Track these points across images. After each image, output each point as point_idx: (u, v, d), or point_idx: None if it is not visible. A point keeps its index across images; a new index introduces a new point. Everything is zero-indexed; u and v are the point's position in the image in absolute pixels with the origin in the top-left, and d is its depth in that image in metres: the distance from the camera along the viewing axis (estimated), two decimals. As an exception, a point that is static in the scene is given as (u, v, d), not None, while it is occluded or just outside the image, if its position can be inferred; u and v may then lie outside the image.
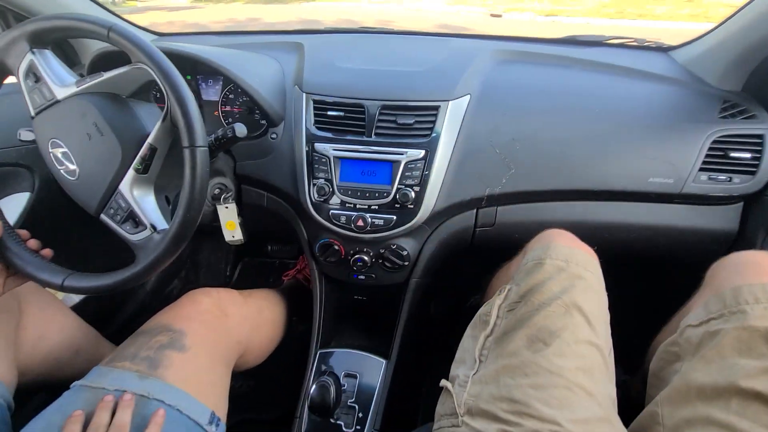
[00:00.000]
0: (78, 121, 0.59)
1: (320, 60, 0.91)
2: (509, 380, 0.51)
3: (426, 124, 0.78)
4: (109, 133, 0.59)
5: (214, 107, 0.93)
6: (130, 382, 0.56)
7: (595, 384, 0.51)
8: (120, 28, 0.55)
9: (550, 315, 0.55)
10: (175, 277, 1.47)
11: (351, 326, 0.99)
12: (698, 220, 0.81)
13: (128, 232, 0.60)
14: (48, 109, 0.61)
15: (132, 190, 0.60)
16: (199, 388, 0.61)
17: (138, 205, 0.60)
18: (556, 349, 0.52)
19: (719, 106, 0.79)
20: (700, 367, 0.51)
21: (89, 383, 0.56)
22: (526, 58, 0.95)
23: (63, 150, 0.60)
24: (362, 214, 0.78)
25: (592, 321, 0.55)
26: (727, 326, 0.51)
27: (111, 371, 0.58)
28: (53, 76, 0.60)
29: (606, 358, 0.55)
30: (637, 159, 0.78)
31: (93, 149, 0.60)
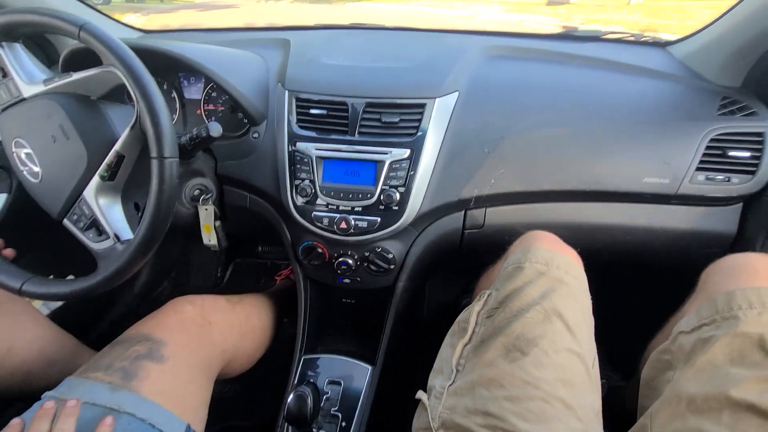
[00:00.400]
0: (43, 122, 0.57)
1: (305, 56, 0.88)
2: (485, 392, 0.49)
3: (412, 122, 0.75)
4: (75, 136, 0.56)
5: (197, 106, 0.91)
6: (101, 395, 0.53)
7: (576, 396, 0.48)
8: (91, 28, 0.53)
9: (529, 322, 0.52)
10: (164, 278, 1.45)
11: (337, 331, 0.97)
12: (696, 221, 0.78)
13: (91, 240, 0.59)
14: (13, 107, 0.58)
15: (97, 197, 0.58)
16: (176, 400, 0.59)
17: (102, 213, 0.58)
18: (533, 359, 0.49)
19: (718, 102, 0.76)
20: (691, 376, 0.49)
21: (59, 395, 0.54)
22: (518, 54, 0.92)
23: (27, 151, 0.58)
24: (345, 216, 0.76)
25: (573, 328, 0.53)
26: (718, 333, 0.49)
27: (83, 383, 0.55)
28: (21, 73, 0.58)
29: (589, 367, 0.52)
30: (631, 158, 0.75)
31: (57, 152, 0.57)
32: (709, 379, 0.46)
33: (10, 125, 0.59)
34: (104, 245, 0.58)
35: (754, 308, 0.48)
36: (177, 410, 0.57)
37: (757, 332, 0.46)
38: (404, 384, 0.62)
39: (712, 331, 0.50)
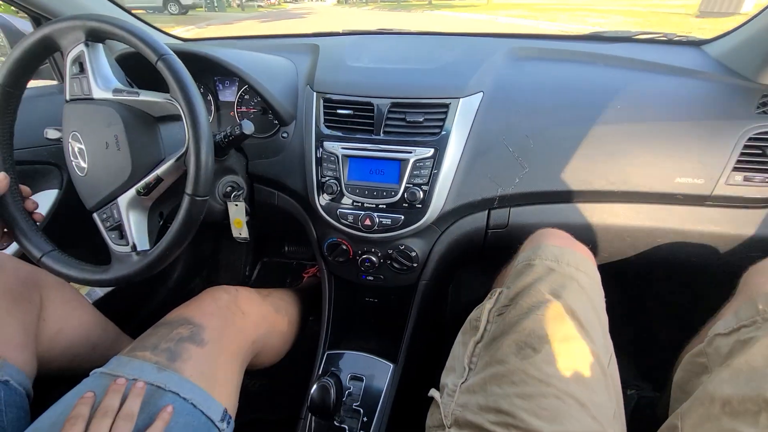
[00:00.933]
0: (101, 127, 0.61)
1: (332, 60, 0.91)
2: (497, 389, 0.49)
3: (436, 122, 0.76)
4: (125, 150, 0.60)
5: (230, 108, 0.96)
6: (149, 373, 0.57)
7: (590, 394, 0.47)
8: (170, 60, 0.57)
9: (540, 319, 0.52)
10: (197, 275, 1.51)
11: (360, 328, 0.98)
12: (733, 224, 0.74)
13: (112, 241, 0.63)
14: (81, 102, 0.63)
15: (128, 207, 0.62)
16: (214, 384, 0.62)
17: (128, 222, 0.62)
18: (545, 356, 0.49)
19: (757, 100, 0.73)
20: (727, 377, 0.47)
21: (109, 371, 0.58)
22: (544, 55, 0.92)
23: (80, 146, 0.63)
24: (370, 213, 0.77)
25: (585, 325, 0.52)
26: (759, 334, 0.47)
27: (131, 361, 0.59)
28: (97, 74, 0.61)
29: (604, 366, 0.51)
30: (663, 157, 0.72)
31: (106, 158, 0.62)
32: (747, 380, 0.44)
33: (73, 117, 0.64)
34: (122, 250, 0.62)
35: None
36: (215, 394, 0.60)
37: None
38: (426, 382, 0.62)
39: (752, 333, 0.48)
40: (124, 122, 0.60)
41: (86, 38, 0.60)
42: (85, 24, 0.58)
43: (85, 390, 0.56)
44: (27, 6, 0.85)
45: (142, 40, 0.57)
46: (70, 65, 0.62)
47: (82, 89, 0.62)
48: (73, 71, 0.62)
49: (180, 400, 0.56)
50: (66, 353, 0.76)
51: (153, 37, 0.57)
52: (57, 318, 0.75)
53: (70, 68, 0.62)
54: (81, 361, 0.78)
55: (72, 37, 0.60)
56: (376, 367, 0.85)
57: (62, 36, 0.60)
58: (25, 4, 0.84)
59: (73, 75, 0.62)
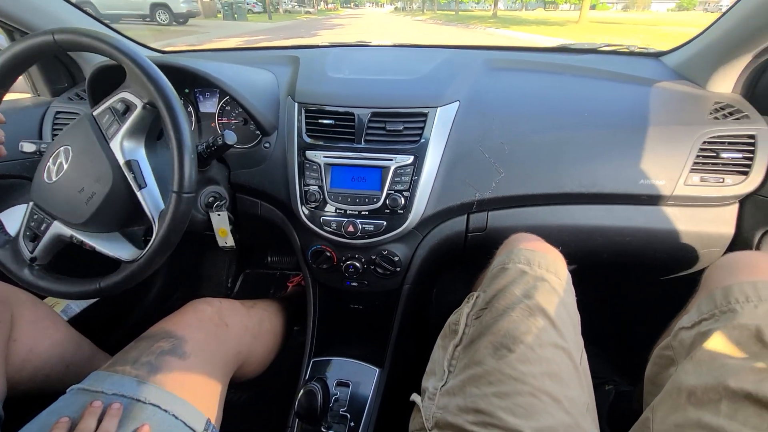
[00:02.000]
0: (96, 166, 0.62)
1: (313, 71, 0.93)
2: (475, 390, 0.50)
3: (415, 130, 0.79)
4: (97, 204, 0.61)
5: (212, 119, 0.96)
6: (128, 387, 0.56)
7: (563, 389, 0.49)
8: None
9: (514, 320, 0.54)
10: (178, 289, 1.48)
11: (346, 335, 0.99)
12: (694, 222, 0.80)
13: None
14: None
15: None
16: (197, 395, 0.61)
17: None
18: (520, 355, 0.51)
19: (710, 107, 0.79)
20: (690, 369, 0.49)
21: (87, 386, 0.57)
22: (517, 66, 0.97)
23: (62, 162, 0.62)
24: (353, 220, 0.79)
25: (557, 323, 0.54)
26: (717, 326, 0.50)
27: (110, 376, 0.58)
28: (126, 129, 0.62)
29: (576, 362, 0.54)
30: (627, 161, 0.77)
31: (79, 190, 0.62)
32: (708, 370, 0.47)
33: (70, 135, 0.64)
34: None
35: (750, 301, 0.50)
36: (198, 405, 0.60)
37: (754, 323, 0.47)
38: (412, 386, 0.63)
39: (711, 325, 0.51)
40: (112, 186, 0.61)
41: (144, 103, 0.61)
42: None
43: (61, 407, 0.55)
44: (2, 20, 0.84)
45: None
46: (114, 104, 0.63)
47: (110, 128, 0.62)
48: (114, 108, 0.62)
49: (161, 412, 0.55)
50: (38, 374, 0.74)
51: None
52: (28, 337, 0.73)
53: (113, 107, 0.62)
54: (53, 382, 0.76)
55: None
56: (362, 372, 0.85)
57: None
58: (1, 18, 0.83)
59: (111, 117, 0.62)
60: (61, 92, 1.07)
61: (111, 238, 0.64)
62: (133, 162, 0.61)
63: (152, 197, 0.61)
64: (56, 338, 0.79)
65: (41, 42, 0.59)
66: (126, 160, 0.61)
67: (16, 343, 0.70)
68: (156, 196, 0.62)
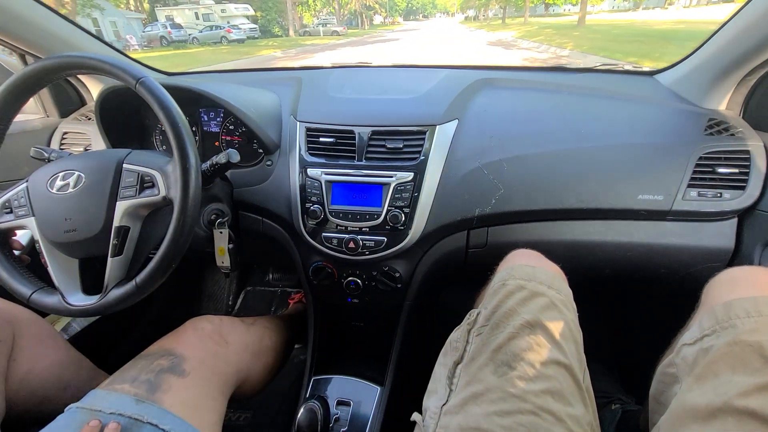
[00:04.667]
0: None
1: (315, 91, 0.95)
2: (476, 408, 0.50)
3: (414, 147, 0.81)
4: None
5: (215, 138, 0.98)
6: (127, 406, 0.56)
7: (566, 407, 0.49)
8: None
9: (514, 336, 0.53)
10: (177, 307, 1.48)
11: (347, 353, 0.98)
12: (693, 237, 0.80)
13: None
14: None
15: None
16: (195, 414, 0.61)
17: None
18: (520, 372, 0.50)
19: (704, 124, 0.80)
20: (695, 387, 0.49)
21: (85, 405, 0.56)
22: (514, 85, 0.99)
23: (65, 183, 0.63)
24: (354, 236, 0.79)
25: (558, 340, 0.54)
26: (718, 342, 0.50)
27: (109, 394, 0.58)
28: (137, 203, 0.63)
29: (579, 380, 0.53)
30: (625, 177, 0.78)
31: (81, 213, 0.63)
32: (712, 388, 0.46)
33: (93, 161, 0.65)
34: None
35: (751, 316, 0.49)
36: (195, 424, 0.59)
37: (756, 340, 0.46)
38: (413, 404, 0.62)
39: (712, 341, 0.51)
40: (93, 237, 0.61)
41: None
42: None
43: (59, 426, 0.54)
44: (14, 45, 0.87)
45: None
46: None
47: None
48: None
49: None
50: (35, 395, 0.73)
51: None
52: (28, 358, 0.73)
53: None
54: (51, 403, 0.75)
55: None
56: (364, 390, 0.84)
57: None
58: (12, 42, 0.86)
59: (144, 187, 0.63)
60: (70, 113, 1.09)
61: (67, 265, 0.64)
62: (124, 229, 0.62)
63: (119, 267, 0.62)
64: (56, 358, 0.78)
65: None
66: (120, 225, 0.61)
67: (15, 363, 0.70)
68: (123, 268, 0.62)
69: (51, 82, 0.64)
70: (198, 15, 26.83)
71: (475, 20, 32.96)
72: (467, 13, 60.01)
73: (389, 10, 55.71)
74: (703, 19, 14.99)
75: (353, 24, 46.86)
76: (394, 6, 63.55)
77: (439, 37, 19.50)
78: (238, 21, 25.03)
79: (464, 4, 45.67)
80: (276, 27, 29.12)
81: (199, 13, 26.96)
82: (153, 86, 0.60)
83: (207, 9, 27.25)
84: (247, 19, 26.89)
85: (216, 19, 26.57)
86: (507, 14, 35.46)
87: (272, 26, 29.10)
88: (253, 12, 28.44)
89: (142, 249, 0.64)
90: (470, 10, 55.07)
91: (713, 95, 0.83)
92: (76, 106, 1.11)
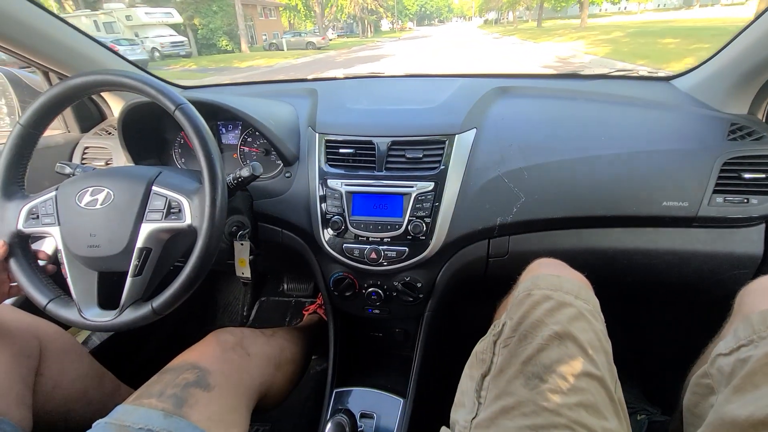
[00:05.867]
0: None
1: (332, 103, 0.96)
2: (508, 422, 0.48)
3: (434, 157, 0.81)
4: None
5: (234, 150, 0.99)
6: (155, 420, 0.56)
7: (600, 421, 0.47)
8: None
9: (544, 348, 0.52)
10: (192, 319, 1.48)
11: (367, 364, 0.97)
12: (720, 244, 0.78)
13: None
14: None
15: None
16: (221, 428, 0.60)
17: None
18: (552, 385, 0.49)
19: (726, 129, 0.79)
20: (733, 399, 0.47)
21: (114, 420, 0.56)
22: (530, 92, 0.99)
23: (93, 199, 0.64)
24: (375, 246, 0.79)
25: (588, 351, 0.52)
26: (757, 352, 0.48)
27: (136, 409, 0.58)
28: (162, 227, 0.64)
29: (611, 391, 0.51)
30: (648, 183, 0.77)
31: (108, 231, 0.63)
32: (753, 399, 0.45)
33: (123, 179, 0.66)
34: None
35: None
36: None
37: None
38: (437, 415, 0.62)
39: (750, 351, 0.49)
40: (115, 255, 0.62)
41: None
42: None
43: None
44: (38, 62, 0.89)
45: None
46: None
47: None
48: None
49: None
50: (60, 409, 0.74)
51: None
52: (54, 372, 0.74)
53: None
54: (75, 418, 0.75)
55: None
56: (386, 402, 0.83)
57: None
58: (37, 59, 0.88)
59: (170, 212, 0.63)
60: (90, 128, 1.11)
61: (86, 277, 0.65)
62: (146, 250, 0.62)
63: (136, 287, 0.62)
64: (81, 372, 0.79)
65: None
66: (143, 246, 0.62)
67: (42, 378, 0.71)
68: (140, 288, 0.63)
69: (87, 96, 0.66)
70: (98, 25, 19.23)
71: (497, 24, 29.47)
72: (486, 16, 54.02)
73: (398, 15, 49.20)
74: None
75: (354, 31, 41.46)
76: (404, 10, 58.22)
77: (456, 49, 15.68)
78: (153, 32, 18.64)
79: (484, 5, 38.48)
80: (223, 39, 22.45)
81: (99, 22, 19.34)
82: (191, 114, 0.61)
83: (109, 17, 19.31)
84: (171, 30, 19.64)
85: (121, 29, 19.02)
86: (533, 16, 30.58)
87: (217, 38, 22.36)
88: (180, 19, 20.27)
89: (159, 270, 0.65)
90: (490, 12, 47.65)
91: (735, 99, 0.83)
92: (97, 121, 1.13)
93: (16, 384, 0.64)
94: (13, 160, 0.65)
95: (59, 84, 0.64)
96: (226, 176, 0.62)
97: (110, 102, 1.12)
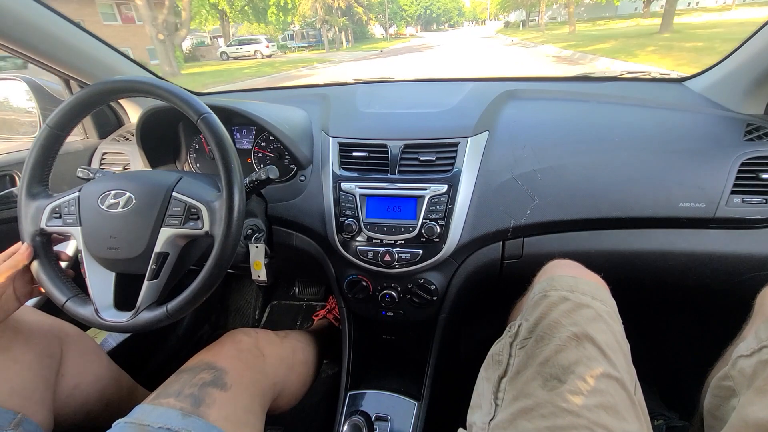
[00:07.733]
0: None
1: (344, 107, 0.97)
2: (527, 424, 0.48)
3: (447, 160, 0.81)
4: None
5: (248, 155, 1.00)
6: (173, 420, 0.57)
7: (621, 423, 0.47)
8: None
9: (561, 349, 0.52)
10: (205, 321, 1.49)
11: (381, 367, 0.97)
12: (739, 244, 0.77)
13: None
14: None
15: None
16: (237, 427, 0.61)
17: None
18: (571, 386, 0.48)
19: (743, 129, 0.78)
20: (756, 400, 0.47)
21: (133, 420, 0.57)
22: (541, 95, 0.99)
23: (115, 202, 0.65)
24: (389, 249, 0.80)
25: (607, 352, 0.52)
26: None
27: (155, 409, 0.59)
28: (180, 233, 0.65)
29: (631, 393, 0.51)
30: (664, 185, 0.77)
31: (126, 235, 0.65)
32: None
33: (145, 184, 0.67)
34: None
35: None
36: None
37: None
38: (452, 418, 0.61)
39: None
40: (134, 258, 0.63)
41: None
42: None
43: None
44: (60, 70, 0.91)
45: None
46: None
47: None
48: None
49: None
50: (80, 410, 0.75)
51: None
52: (75, 373, 0.75)
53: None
54: (94, 418, 0.77)
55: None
56: (401, 405, 0.83)
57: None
58: (59, 68, 0.90)
59: (189, 218, 0.64)
60: (108, 134, 1.14)
61: (103, 278, 0.66)
62: (164, 255, 0.63)
63: (152, 290, 0.63)
64: (100, 374, 0.80)
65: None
66: (161, 251, 0.63)
67: (63, 378, 0.72)
68: (156, 291, 0.64)
69: (112, 100, 0.68)
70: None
71: (524, 28, 23.31)
72: (508, 18, 41.83)
73: (391, 19, 36.58)
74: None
75: (320, 41, 28.69)
76: (398, 13, 45.46)
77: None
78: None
79: (504, 4, 29.93)
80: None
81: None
82: (214, 123, 0.62)
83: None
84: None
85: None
86: (559, 18, 22.73)
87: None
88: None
89: (175, 274, 0.66)
90: (513, 12, 38.61)
91: (750, 100, 0.82)
92: (114, 127, 1.15)
93: (39, 384, 0.65)
94: (40, 160, 0.66)
95: (87, 88, 0.65)
96: (244, 192, 0.63)
97: (127, 109, 1.14)
